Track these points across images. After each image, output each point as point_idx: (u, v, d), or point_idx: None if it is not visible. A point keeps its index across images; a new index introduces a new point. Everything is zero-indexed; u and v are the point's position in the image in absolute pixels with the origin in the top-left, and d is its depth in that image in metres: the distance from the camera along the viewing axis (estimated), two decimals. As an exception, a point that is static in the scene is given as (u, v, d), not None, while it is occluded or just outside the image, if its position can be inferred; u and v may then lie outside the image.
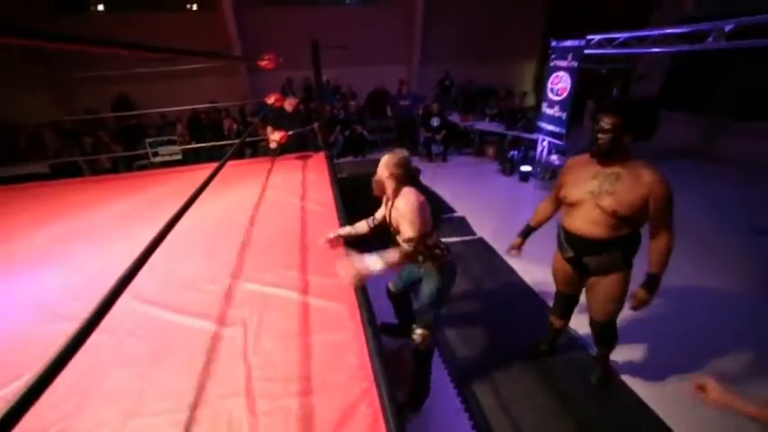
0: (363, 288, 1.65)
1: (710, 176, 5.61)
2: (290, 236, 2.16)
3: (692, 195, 4.48)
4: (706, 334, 2.54)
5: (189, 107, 6.35)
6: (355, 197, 3.63)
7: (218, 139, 5.50)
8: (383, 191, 1.83)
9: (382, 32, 10.05)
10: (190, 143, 5.75)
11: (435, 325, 1.92)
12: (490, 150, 6.74)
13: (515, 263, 3.29)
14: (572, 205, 1.72)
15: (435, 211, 1.91)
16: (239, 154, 5.64)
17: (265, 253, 2.00)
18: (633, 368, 2.27)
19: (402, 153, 1.75)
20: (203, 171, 3.19)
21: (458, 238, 3.87)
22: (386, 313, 2.41)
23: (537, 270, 3.06)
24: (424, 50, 10.18)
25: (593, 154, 1.62)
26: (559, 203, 1.87)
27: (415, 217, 1.64)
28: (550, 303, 2.25)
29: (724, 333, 2.54)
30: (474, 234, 3.98)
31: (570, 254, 1.81)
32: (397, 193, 1.75)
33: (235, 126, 6.40)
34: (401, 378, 2.24)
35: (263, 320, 1.52)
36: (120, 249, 2.05)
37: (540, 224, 2.03)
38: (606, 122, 1.53)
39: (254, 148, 6.31)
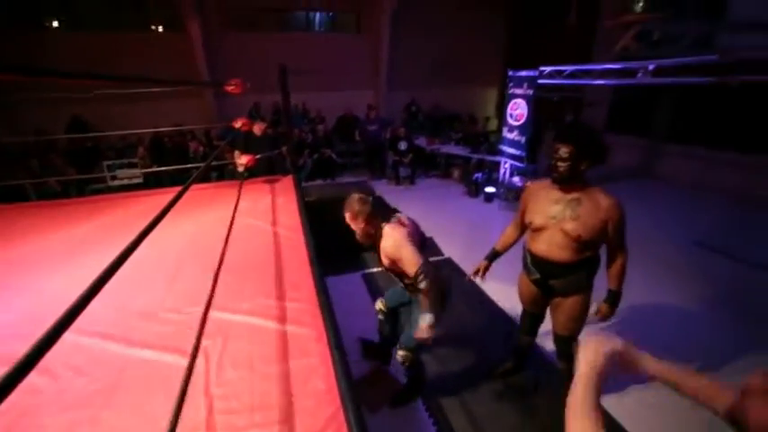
0: (330, 311, 1.64)
1: (651, 194, 6.13)
2: (258, 261, 2.12)
3: (637, 212, 4.81)
4: (660, 343, 2.69)
5: (150, 130, 6.18)
6: (323, 221, 3.65)
7: (182, 163, 5.36)
8: (369, 236, 1.85)
9: (350, 59, 10.36)
10: (151, 166, 5.56)
11: (419, 348, 1.96)
12: (456, 173, 6.98)
13: (483, 283, 3.37)
14: (537, 230, 1.80)
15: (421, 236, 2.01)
16: (205, 178, 5.52)
17: (233, 279, 1.95)
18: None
19: (356, 194, 1.84)
20: (166, 195, 3.10)
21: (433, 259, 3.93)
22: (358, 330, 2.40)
23: (504, 289, 3.16)
24: (391, 77, 10.56)
25: (554, 180, 1.70)
26: (524, 227, 1.95)
27: (408, 252, 1.69)
28: (518, 321, 2.32)
29: (678, 342, 2.71)
30: (442, 254, 4.06)
31: (536, 276, 1.89)
32: (378, 233, 1.81)
33: (201, 149, 6.28)
34: (380, 397, 2.23)
35: (227, 349, 1.47)
36: (72, 278, 1.93)
37: (505, 248, 2.11)
38: (563, 151, 1.61)
39: (220, 172, 6.20)
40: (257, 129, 3.97)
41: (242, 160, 3.49)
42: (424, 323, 1.73)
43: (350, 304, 3.14)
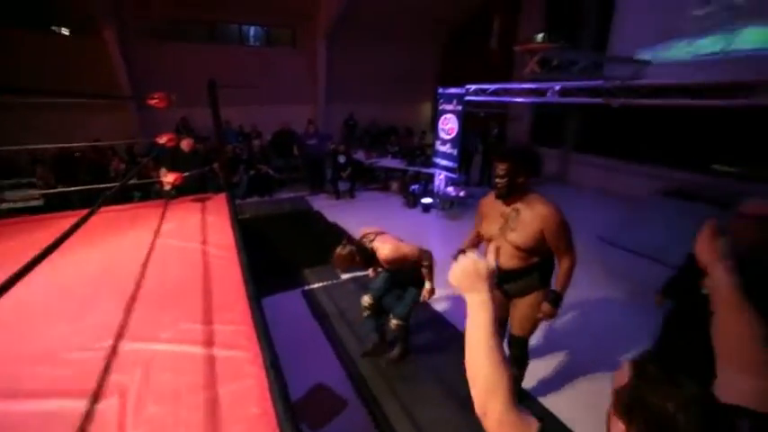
0: (266, 331, 1.61)
1: (565, 197, 6.82)
2: (186, 284, 1.99)
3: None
4: (587, 336, 3.00)
5: (52, 145, 5.43)
6: (259, 239, 3.55)
7: (101, 182, 4.85)
8: (369, 260, 2.26)
9: (287, 73, 10.24)
10: (55, 186, 4.95)
11: (409, 316, 2.43)
12: (394, 185, 7.18)
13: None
14: (488, 241, 1.93)
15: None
16: (127, 198, 5.06)
17: (156, 306, 1.81)
18: (542, 385, 2.53)
19: (338, 250, 2.19)
20: (70, 219, 2.81)
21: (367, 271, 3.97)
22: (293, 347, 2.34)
23: (446, 299, 3.31)
24: (329, 91, 10.63)
25: (496, 195, 1.83)
26: (481, 237, 2.10)
27: (406, 247, 2.23)
28: (461, 329, 2.43)
29: (596, 322, 3.03)
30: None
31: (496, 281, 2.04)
32: (373, 252, 2.22)
33: (123, 166, 5.75)
34: (322, 414, 2.19)
35: (148, 383, 1.35)
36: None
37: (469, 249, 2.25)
38: (501, 169, 1.74)
39: (144, 191, 5.71)
40: (185, 144, 3.76)
41: (168, 178, 3.28)
42: (427, 287, 2.33)
43: (290, 322, 3.06)
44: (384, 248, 2.19)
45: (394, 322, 2.41)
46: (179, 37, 8.53)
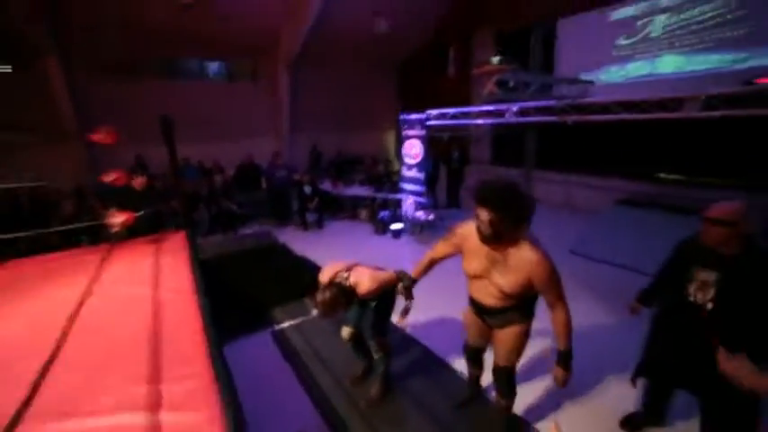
0: (229, 384, 1.41)
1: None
2: (133, 337, 1.75)
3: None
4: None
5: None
6: (221, 279, 3.31)
7: (43, 226, 4.40)
8: (339, 304, 2.07)
9: (249, 106, 10.17)
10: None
11: (388, 332, 2.36)
12: (363, 213, 7.10)
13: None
14: (472, 278, 1.83)
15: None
16: (71, 242, 4.62)
17: (91, 369, 1.56)
18: (534, 411, 2.41)
19: (320, 296, 2.06)
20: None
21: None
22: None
23: (425, 325, 3.20)
24: (293, 122, 10.61)
25: (481, 240, 1.66)
26: (436, 261, 2.05)
27: (381, 274, 2.20)
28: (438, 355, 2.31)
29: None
30: (357, 296, 3.97)
31: (474, 311, 1.96)
32: (351, 287, 2.12)
33: (69, 208, 5.30)
34: None
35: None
36: None
37: (417, 278, 2.15)
38: (484, 216, 1.58)
39: (93, 235, 5.25)
40: (138, 183, 3.52)
41: (118, 219, 3.02)
42: (406, 306, 2.18)
43: (259, 367, 2.81)
44: (363, 283, 2.10)
45: (375, 340, 2.32)
46: (133, 72, 8.28)
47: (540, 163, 8.52)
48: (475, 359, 2.22)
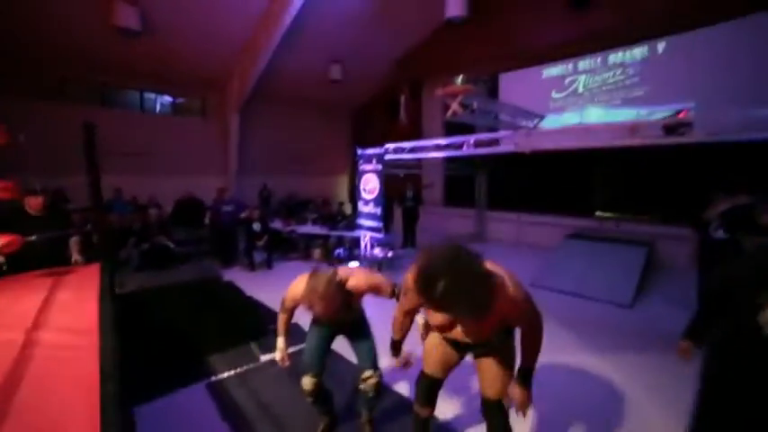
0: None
1: (487, 253, 7.16)
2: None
3: None
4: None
5: None
6: (146, 318, 2.72)
7: None
8: (343, 295, 1.75)
9: (195, 144, 9.65)
10: None
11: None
12: (317, 252, 6.68)
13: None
14: (440, 331, 1.58)
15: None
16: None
17: None
18: None
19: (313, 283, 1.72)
20: None
21: (293, 348, 3.28)
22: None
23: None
24: (242, 163, 10.19)
25: None
26: (413, 313, 1.74)
27: (378, 276, 1.98)
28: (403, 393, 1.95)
29: (554, 367, 2.76)
30: (312, 339, 3.49)
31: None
32: (342, 286, 1.76)
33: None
34: None
35: None
36: None
37: (403, 337, 1.83)
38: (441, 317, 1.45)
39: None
40: (34, 203, 2.91)
41: (-5, 242, 2.37)
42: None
43: (188, 430, 2.21)
44: (354, 276, 1.83)
45: (375, 378, 1.98)
46: (62, 96, 7.52)
47: (492, 203, 8.84)
48: (429, 394, 1.79)
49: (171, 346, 2.84)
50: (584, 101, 7.29)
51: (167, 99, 9.44)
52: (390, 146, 5.19)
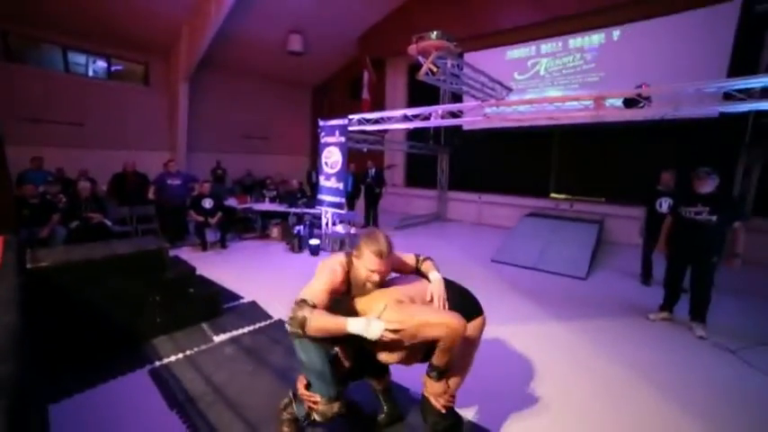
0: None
1: (450, 231, 7.46)
2: None
3: (443, 245, 6.08)
4: (498, 319, 2.71)
5: None
6: (70, 297, 2.35)
7: None
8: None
9: (138, 114, 8.73)
10: None
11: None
12: (275, 231, 6.34)
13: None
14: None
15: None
16: None
17: None
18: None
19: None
20: None
21: (250, 327, 3.05)
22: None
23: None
24: (193, 139, 9.40)
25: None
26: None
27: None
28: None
29: (514, 320, 2.78)
30: (270, 318, 3.26)
31: None
32: None
33: None
34: None
35: None
36: None
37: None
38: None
39: None
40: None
41: None
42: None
43: (126, 425, 1.94)
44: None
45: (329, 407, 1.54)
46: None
47: (453, 184, 8.93)
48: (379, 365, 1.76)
49: (104, 329, 2.49)
50: (545, 84, 7.44)
51: (102, 64, 8.38)
52: (354, 117, 4.94)
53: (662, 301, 3.33)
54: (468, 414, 2.02)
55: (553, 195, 7.70)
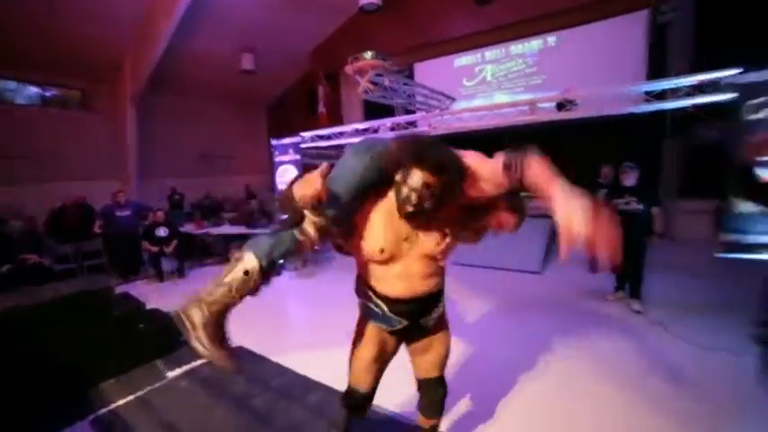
0: None
1: None
2: None
3: None
4: (465, 328, 2.77)
5: None
6: (8, 345, 2.19)
7: None
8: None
9: (79, 142, 8.27)
10: None
11: None
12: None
13: (289, 361, 2.76)
14: (384, 263, 1.27)
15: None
16: None
17: None
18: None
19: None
20: None
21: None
22: None
23: (315, 362, 2.66)
24: (143, 165, 8.99)
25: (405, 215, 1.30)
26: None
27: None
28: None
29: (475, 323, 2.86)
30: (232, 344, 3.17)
31: (405, 323, 1.35)
32: None
33: None
34: None
35: None
36: None
37: None
38: (416, 180, 1.14)
39: None
40: None
41: None
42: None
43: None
44: (469, 156, 1.23)
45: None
46: None
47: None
48: (361, 408, 1.54)
49: (41, 380, 2.33)
50: (492, 88, 7.79)
51: (33, 90, 7.90)
52: (306, 134, 4.96)
53: (615, 283, 3.59)
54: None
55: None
